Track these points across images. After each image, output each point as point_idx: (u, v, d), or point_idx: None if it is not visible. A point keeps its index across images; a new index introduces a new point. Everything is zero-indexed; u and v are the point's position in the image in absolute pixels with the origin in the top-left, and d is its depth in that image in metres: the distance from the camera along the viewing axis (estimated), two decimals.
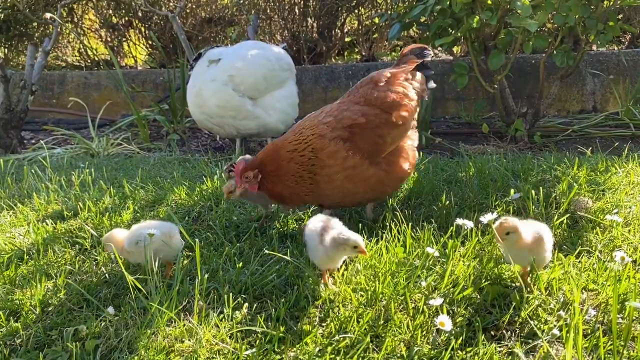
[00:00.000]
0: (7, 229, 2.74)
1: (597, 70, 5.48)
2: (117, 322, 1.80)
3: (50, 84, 6.72)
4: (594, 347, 1.60)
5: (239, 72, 4.15)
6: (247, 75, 4.16)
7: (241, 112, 4.18)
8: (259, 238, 2.45)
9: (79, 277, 2.18)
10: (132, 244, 2.07)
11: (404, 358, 1.61)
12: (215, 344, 1.69)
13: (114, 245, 2.11)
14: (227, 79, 4.12)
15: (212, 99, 4.16)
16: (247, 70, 4.17)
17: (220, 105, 4.15)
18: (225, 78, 4.13)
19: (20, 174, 3.87)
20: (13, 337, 1.78)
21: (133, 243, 2.07)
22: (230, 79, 4.12)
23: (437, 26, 4.23)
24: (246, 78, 4.16)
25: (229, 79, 4.12)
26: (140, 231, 2.09)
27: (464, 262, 2.04)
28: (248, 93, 4.17)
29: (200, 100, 4.22)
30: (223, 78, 4.13)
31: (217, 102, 4.15)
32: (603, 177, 3.08)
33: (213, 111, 4.20)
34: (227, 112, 4.18)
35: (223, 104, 4.14)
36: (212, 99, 4.16)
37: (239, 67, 4.16)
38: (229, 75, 4.13)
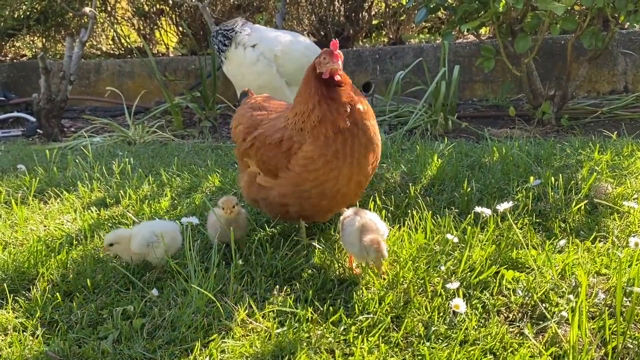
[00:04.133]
0: (56, 216, 2.96)
1: (629, 50, 5.39)
2: (160, 303, 1.98)
3: (86, 72, 6.98)
4: (600, 328, 1.70)
5: (283, 54, 4.35)
6: (288, 60, 4.36)
7: (277, 94, 4.34)
8: (288, 224, 2.60)
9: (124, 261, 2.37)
10: (143, 246, 2.19)
11: (421, 337, 1.74)
12: (249, 323, 1.86)
13: (123, 245, 2.22)
14: (272, 58, 4.31)
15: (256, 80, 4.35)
16: (289, 55, 4.37)
17: (261, 85, 4.31)
18: (270, 57, 4.31)
19: (63, 163, 4.11)
20: (69, 315, 1.98)
21: (144, 245, 2.19)
22: (275, 59, 4.31)
23: (463, 10, 4.25)
24: (287, 62, 4.36)
25: (274, 58, 4.30)
26: (148, 233, 2.20)
27: (482, 248, 2.15)
28: (285, 78, 4.34)
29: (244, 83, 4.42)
30: (269, 57, 4.31)
31: (262, 82, 4.31)
32: (627, 162, 3.11)
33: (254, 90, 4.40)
34: (265, 91, 4.35)
35: (265, 83, 4.31)
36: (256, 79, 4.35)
37: (281, 50, 4.35)
38: (274, 55, 4.32)
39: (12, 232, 2.74)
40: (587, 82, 5.42)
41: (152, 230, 2.23)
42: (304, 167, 2.11)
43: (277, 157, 2.17)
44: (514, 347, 1.68)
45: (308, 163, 2.10)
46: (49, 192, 3.31)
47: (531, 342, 1.69)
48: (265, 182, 2.27)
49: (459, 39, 6.55)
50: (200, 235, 2.51)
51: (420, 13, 4.49)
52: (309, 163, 2.10)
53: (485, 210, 2.18)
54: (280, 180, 2.20)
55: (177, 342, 1.78)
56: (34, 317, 1.97)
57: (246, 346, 1.74)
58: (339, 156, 2.08)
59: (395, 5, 7.02)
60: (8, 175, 3.82)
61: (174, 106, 5.38)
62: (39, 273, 2.25)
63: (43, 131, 5.49)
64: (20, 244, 2.61)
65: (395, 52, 6.03)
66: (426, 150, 3.53)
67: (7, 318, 1.98)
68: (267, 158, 2.22)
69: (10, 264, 2.32)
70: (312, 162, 2.09)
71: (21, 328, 1.92)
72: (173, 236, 2.27)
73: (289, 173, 2.16)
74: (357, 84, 6.06)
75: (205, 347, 1.75)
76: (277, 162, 2.17)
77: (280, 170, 2.18)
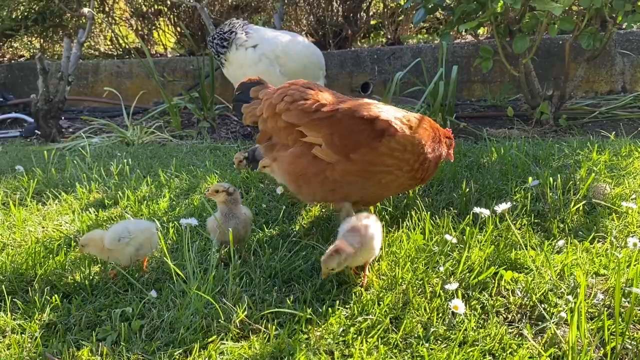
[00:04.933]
0: (54, 217, 2.95)
1: (627, 50, 5.40)
2: (159, 304, 1.98)
3: (84, 73, 6.97)
4: (599, 329, 1.71)
5: (284, 54, 4.36)
6: (289, 60, 4.37)
7: None
8: (287, 225, 2.60)
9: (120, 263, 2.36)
10: (114, 242, 2.20)
11: (420, 338, 1.74)
12: (248, 324, 1.85)
13: (93, 245, 2.23)
14: (274, 58, 4.32)
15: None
16: (289, 55, 4.39)
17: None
18: (272, 57, 4.32)
19: (62, 164, 4.10)
20: (67, 317, 1.97)
21: (115, 240, 2.20)
22: (276, 59, 4.32)
23: (462, 11, 4.26)
24: (289, 62, 4.37)
25: (275, 59, 4.32)
26: (121, 228, 2.23)
27: (481, 249, 2.15)
28: (287, 77, 4.35)
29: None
30: (270, 57, 4.32)
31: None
32: (625, 162, 3.12)
33: None
34: None
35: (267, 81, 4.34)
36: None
37: (282, 50, 4.36)
38: (275, 55, 4.33)
39: (10, 233, 2.73)
40: (585, 82, 5.43)
41: (126, 227, 2.25)
42: (391, 151, 2.22)
43: (363, 132, 2.21)
44: (513, 348, 1.68)
45: (398, 149, 2.22)
46: (47, 193, 3.30)
47: (530, 343, 1.69)
48: (328, 156, 2.26)
49: (457, 39, 6.56)
50: (198, 237, 2.51)
51: (418, 13, 4.49)
52: (398, 149, 2.22)
53: (483, 210, 2.18)
54: (354, 155, 2.22)
55: (176, 344, 1.78)
56: (32, 319, 1.97)
57: (245, 347, 1.74)
58: (421, 153, 2.27)
59: (394, 6, 7.02)
60: (6, 176, 3.82)
61: (172, 107, 5.37)
62: (37, 275, 2.24)
63: (41, 132, 5.48)
64: (19, 245, 2.60)
65: (394, 52, 6.03)
66: None
67: (5, 320, 1.97)
68: (349, 132, 2.22)
69: (9, 266, 2.32)
70: (403, 151, 2.23)
71: (19, 330, 1.92)
72: (147, 235, 2.26)
73: (370, 152, 2.21)
74: (355, 85, 6.07)
75: (204, 349, 1.75)
76: (361, 137, 2.22)
77: (359, 147, 2.22)
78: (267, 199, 2.98)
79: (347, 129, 2.23)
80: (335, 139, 2.24)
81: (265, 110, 2.44)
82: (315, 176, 2.31)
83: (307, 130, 2.30)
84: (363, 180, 2.28)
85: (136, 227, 2.26)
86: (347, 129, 2.23)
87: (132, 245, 2.22)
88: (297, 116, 2.32)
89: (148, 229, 2.28)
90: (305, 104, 2.33)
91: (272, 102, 2.42)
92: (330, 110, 2.27)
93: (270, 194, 3.04)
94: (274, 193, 3.03)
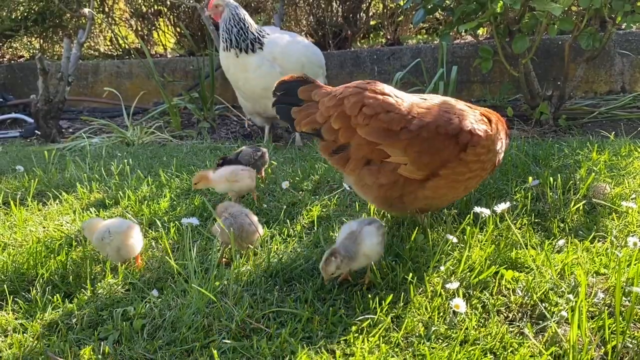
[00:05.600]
0: (55, 217, 2.96)
1: (626, 50, 5.41)
2: (160, 304, 1.98)
3: (84, 73, 6.98)
4: (600, 327, 1.71)
5: (281, 54, 4.37)
6: (287, 58, 4.38)
7: None
8: (288, 224, 2.60)
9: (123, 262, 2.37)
10: (98, 240, 2.25)
11: (421, 337, 1.75)
12: (249, 323, 1.86)
13: (88, 232, 2.32)
14: (272, 60, 4.32)
15: (260, 83, 4.34)
16: (287, 53, 4.40)
17: (265, 88, 4.31)
18: (270, 59, 4.33)
19: (62, 164, 4.11)
20: (69, 317, 1.97)
21: (99, 239, 2.25)
22: (274, 60, 4.33)
23: (461, 11, 4.26)
24: (286, 61, 4.36)
25: (273, 60, 4.32)
26: (104, 228, 2.26)
27: (481, 248, 2.16)
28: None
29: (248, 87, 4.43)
30: (269, 59, 4.32)
31: (265, 84, 4.31)
32: (625, 162, 3.12)
33: (255, 92, 4.39)
34: (268, 92, 4.35)
35: (269, 85, 4.30)
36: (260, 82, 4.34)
37: (280, 50, 4.37)
38: (273, 57, 4.33)
39: (11, 233, 2.74)
40: (584, 82, 5.44)
41: (108, 227, 2.26)
42: (477, 156, 2.20)
43: (449, 148, 2.16)
44: (514, 347, 1.69)
45: (482, 152, 2.21)
46: (47, 193, 3.31)
47: (531, 341, 1.70)
48: (415, 174, 2.18)
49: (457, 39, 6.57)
50: (200, 236, 2.51)
51: (418, 14, 4.50)
52: (483, 152, 2.21)
53: (484, 210, 2.18)
54: (444, 171, 2.18)
55: (178, 343, 1.78)
56: (34, 318, 1.97)
57: (246, 346, 1.74)
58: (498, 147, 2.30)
59: (393, 6, 7.03)
60: (6, 176, 3.82)
61: (172, 107, 5.38)
62: (39, 274, 2.24)
63: (41, 132, 5.49)
64: (20, 245, 2.61)
65: (393, 52, 6.04)
66: None
67: (7, 319, 1.98)
68: (435, 150, 2.15)
69: (10, 266, 2.32)
70: (487, 152, 2.23)
71: (21, 329, 1.92)
72: (126, 237, 2.25)
73: (459, 164, 2.18)
74: None
75: (205, 348, 1.75)
76: (448, 153, 2.16)
77: (447, 162, 2.17)
78: (267, 199, 2.99)
79: (433, 148, 2.14)
80: (423, 158, 2.15)
81: (335, 120, 2.20)
82: (407, 195, 2.23)
83: (391, 149, 2.16)
84: (453, 191, 2.26)
85: (117, 229, 2.25)
86: (434, 147, 2.14)
87: (112, 246, 2.24)
88: (379, 135, 2.15)
89: (128, 231, 2.26)
90: (387, 118, 2.14)
91: (345, 111, 2.18)
92: (416, 129, 2.13)
93: (271, 194, 3.05)
94: (275, 193, 3.04)
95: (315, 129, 2.27)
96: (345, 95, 2.21)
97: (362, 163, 2.24)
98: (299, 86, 2.33)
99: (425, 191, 2.21)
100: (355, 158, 2.23)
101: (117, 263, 2.27)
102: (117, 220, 2.36)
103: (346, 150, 2.25)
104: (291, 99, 2.34)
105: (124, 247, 2.26)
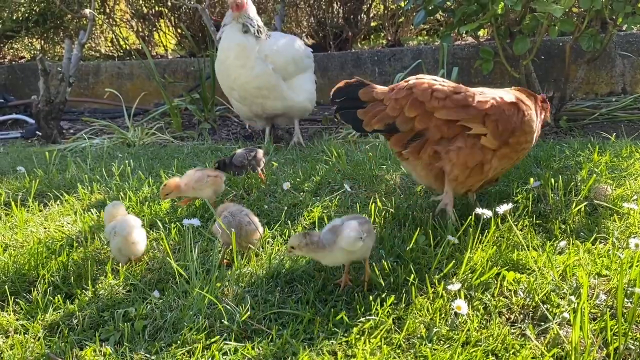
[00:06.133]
0: (56, 217, 2.96)
1: (627, 52, 5.40)
2: (162, 305, 1.98)
3: (85, 74, 6.98)
4: (602, 329, 1.71)
5: (272, 52, 4.34)
6: (278, 55, 4.36)
7: (275, 90, 4.35)
8: (289, 225, 2.60)
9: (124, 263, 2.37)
10: (108, 234, 2.36)
11: (423, 338, 1.75)
12: (250, 324, 1.86)
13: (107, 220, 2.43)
14: (264, 58, 4.30)
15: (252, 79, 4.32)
16: (278, 51, 4.38)
17: (258, 86, 4.31)
18: (262, 57, 4.30)
19: (63, 165, 4.11)
20: (70, 318, 1.97)
21: (108, 233, 2.36)
22: (266, 58, 4.30)
23: (462, 12, 4.26)
24: (277, 58, 4.35)
25: (265, 58, 4.30)
26: (111, 225, 2.34)
27: (483, 249, 2.16)
28: (279, 73, 4.36)
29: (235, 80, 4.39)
30: (261, 57, 4.30)
31: (257, 81, 4.31)
32: (626, 163, 3.12)
33: (248, 90, 4.37)
34: (262, 91, 4.36)
35: (263, 83, 4.32)
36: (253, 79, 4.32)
37: (269, 49, 4.35)
38: (265, 54, 4.30)
39: (12, 234, 2.74)
40: (585, 83, 5.44)
41: (114, 226, 2.32)
42: (530, 128, 2.45)
43: (514, 117, 2.39)
44: (515, 349, 1.69)
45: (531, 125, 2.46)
46: (48, 194, 3.31)
47: (533, 343, 1.70)
48: (491, 144, 2.38)
49: (458, 41, 6.57)
50: (201, 237, 2.51)
51: (418, 15, 4.50)
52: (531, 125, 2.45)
53: (485, 211, 2.18)
54: (512, 139, 2.40)
55: (179, 344, 1.78)
56: (35, 319, 1.97)
57: (248, 348, 1.74)
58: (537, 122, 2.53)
59: (394, 8, 7.03)
60: (7, 177, 3.82)
61: (173, 108, 5.38)
62: (40, 275, 2.25)
63: (42, 133, 5.49)
64: (21, 246, 2.61)
65: (394, 54, 6.04)
66: None
67: (8, 320, 1.98)
68: (507, 119, 2.38)
69: (11, 266, 2.32)
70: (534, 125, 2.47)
71: (22, 330, 1.92)
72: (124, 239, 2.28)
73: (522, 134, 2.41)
74: None
75: (207, 349, 1.75)
76: (515, 122, 2.39)
77: (515, 131, 2.40)
78: (268, 199, 2.99)
79: (506, 117, 2.37)
80: (500, 127, 2.36)
81: (409, 109, 2.35)
82: (486, 164, 2.41)
83: (472, 123, 2.36)
84: (512, 161, 2.50)
85: (120, 229, 2.30)
86: (506, 116, 2.38)
87: (114, 244, 2.30)
88: (458, 112, 2.35)
89: (127, 233, 2.28)
90: (460, 96, 2.37)
91: (417, 99, 2.36)
92: (491, 101, 2.38)
93: (272, 195, 3.05)
94: (276, 194, 3.04)
95: (388, 124, 2.39)
96: (411, 85, 2.40)
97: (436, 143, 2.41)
98: (358, 89, 2.46)
99: (494, 159, 2.41)
100: (432, 140, 2.39)
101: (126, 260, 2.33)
102: (122, 220, 2.37)
103: (422, 138, 2.40)
104: (351, 103, 2.46)
105: (124, 248, 2.29)
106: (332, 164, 3.46)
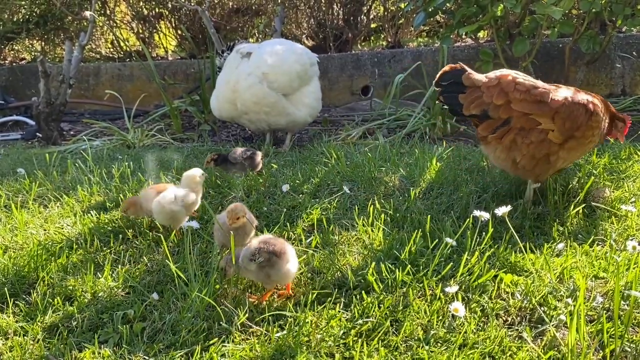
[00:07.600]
0: (56, 219, 2.96)
1: (627, 53, 5.41)
2: (160, 307, 1.99)
3: (85, 76, 6.99)
4: (598, 331, 1.71)
5: (273, 69, 4.14)
6: (281, 73, 4.17)
7: (275, 108, 4.28)
8: (288, 227, 2.61)
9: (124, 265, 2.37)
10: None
11: (421, 341, 1.75)
12: (249, 327, 1.86)
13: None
14: (261, 76, 4.14)
15: (247, 95, 4.22)
16: (280, 68, 4.17)
17: (255, 102, 4.23)
18: (259, 75, 4.14)
19: (63, 166, 4.11)
20: (69, 320, 1.98)
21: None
22: (264, 76, 4.13)
23: (462, 14, 4.28)
24: (280, 77, 4.17)
25: (263, 76, 4.13)
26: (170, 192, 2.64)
27: (481, 252, 2.16)
28: (282, 91, 4.25)
29: (236, 94, 4.29)
30: (257, 74, 4.15)
31: (254, 98, 4.22)
32: (625, 165, 3.13)
33: (249, 107, 4.30)
34: (262, 108, 4.28)
35: (259, 100, 4.23)
36: (247, 94, 4.22)
37: (272, 65, 4.16)
38: (262, 72, 4.13)
39: (12, 236, 2.74)
40: (584, 85, 5.43)
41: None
42: (597, 123, 2.59)
43: (582, 115, 2.53)
44: (512, 351, 1.69)
45: (598, 120, 2.59)
46: (48, 195, 3.31)
47: (530, 345, 1.70)
48: (557, 139, 2.53)
49: (458, 42, 6.58)
50: (200, 239, 2.52)
51: (418, 17, 4.52)
52: (598, 120, 2.59)
53: (483, 213, 2.19)
54: (577, 133, 2.54)
55: (178, 346, 1.79)
56: (35, 321, 1.98)
57: (246, 350, 1.75)
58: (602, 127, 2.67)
59: (394, 9, 7.04)
60: (8, 179, 3.83)
61: (173, 110, 5.39)
62: (39, 277, 2.25)
63: (42, 135, 5.50)
64: (21, 248, 2.61)
65: (394, 55, 6.05)
66: (425, 154, 3.54)
67: (8, 322, 1.99)
68: (574, 117, 2.52)
69: (11, 268, 2.33)
70: (600, 121, 2.61)
71: (22, 332, 1.93)
72: None
73: (587, 129, 2.56)
74: (356, 88, 6.09)
75: (205, 351, 1.76)
76: (581, 119, 2.53)
77: (580, 127, 2.54)
78: (268, 202, 2.99)
79: (573, 115, 2.52)
80: (566, 124, 2.52)
81: (496, 97, 2.53)
82: (552, 155, 2.56)
83: (542, 118, 2.51)
84: (578, 153, 2.65)
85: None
86: (573, 115, 2.52)
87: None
88: (532, 106, 2.52)
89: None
90: (537, 92, 2.52)
91: (503, 89, 2.52)
92: (562, 99, 2.52)
93: (271, 197, 3.06)
94: (275, 196, 3.04)
95: (484, 109, 2.57)
96: (498, 77, 2.57)
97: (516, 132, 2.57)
98: (461, 74, 2.62)
99: (562, 152, 2.56)
100: (514, 128, 2.55)
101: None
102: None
103: (507, 125, 2.56)
104: (455, 87, 2.62)
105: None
106: (331, 166, 3.46)
